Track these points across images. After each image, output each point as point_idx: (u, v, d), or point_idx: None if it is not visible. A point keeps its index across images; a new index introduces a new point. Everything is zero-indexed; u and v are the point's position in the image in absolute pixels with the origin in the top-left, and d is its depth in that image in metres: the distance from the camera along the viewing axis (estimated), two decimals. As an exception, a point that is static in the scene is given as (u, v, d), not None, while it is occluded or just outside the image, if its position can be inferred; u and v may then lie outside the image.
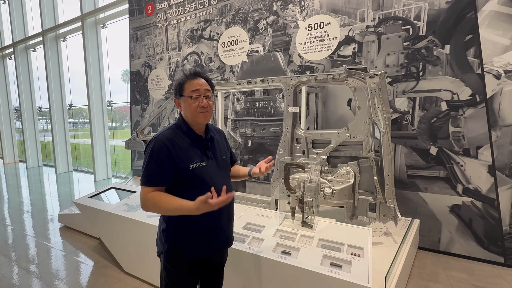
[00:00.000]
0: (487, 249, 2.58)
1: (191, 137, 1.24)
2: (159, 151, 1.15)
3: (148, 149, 1.18)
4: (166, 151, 1.15)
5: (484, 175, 2.55)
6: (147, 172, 1.15)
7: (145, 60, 4.92)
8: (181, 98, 1.23)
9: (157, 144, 1.16)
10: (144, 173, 1.16)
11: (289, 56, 3.48)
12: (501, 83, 2.44)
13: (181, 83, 1.24)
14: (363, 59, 3.01)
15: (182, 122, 1.26)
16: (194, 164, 1.19)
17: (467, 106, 2.58)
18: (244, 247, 1.72)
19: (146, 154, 1.17)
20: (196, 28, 4.23)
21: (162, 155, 1.14)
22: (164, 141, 1.16)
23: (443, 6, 2.61)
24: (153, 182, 1.14)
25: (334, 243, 1.72)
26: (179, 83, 1.25)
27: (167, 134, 1.20)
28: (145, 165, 1.16)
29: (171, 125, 1.26)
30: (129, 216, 2.31)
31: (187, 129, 1.25)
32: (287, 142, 2.86)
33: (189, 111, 1.22)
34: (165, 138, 1.18)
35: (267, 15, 3.59)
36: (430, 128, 2.75)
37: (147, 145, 1.19)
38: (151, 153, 1.16)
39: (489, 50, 2.46)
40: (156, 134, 1.21)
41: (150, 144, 1.18)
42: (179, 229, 1.21)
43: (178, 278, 1.27)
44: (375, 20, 2.92)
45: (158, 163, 1.14)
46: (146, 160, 1.16)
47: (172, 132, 1.21)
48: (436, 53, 2.66)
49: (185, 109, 1.23)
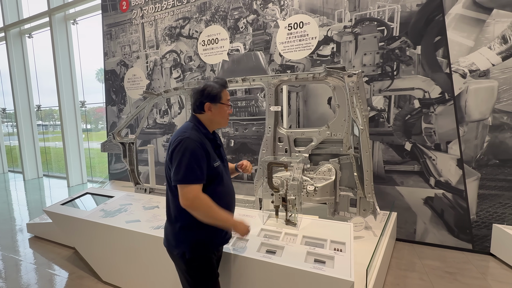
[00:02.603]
0: (457, 237, 2.76)
1: (209, 138, 1.34)
2: (196, 150, 1.21)
3: (182, 148, 1.21)
4: (201, 150, 1.23)
5: (454, 168, 2.72)
6: (190, 170, 1.19)
7: (121, 58, 4.70)
8: (216, 104, 1.33)
9: (192, 143, 1.21)
10: (185, 172, 1.19)
11: (270, 55, 3.48)
12: (467, 82, 2.61)
13: (219, 91, 1.33)
14: (341, 59, 3.09)
15: (200, 124, 1.34)
16: (216, 163, 1.31)
17: (437, 103, 2.74)
18: (228, 249, 1.70)
19: (181, 153, 1.20)
20: (175, 25, 4.11)
21: (198, 153, 1.22)
22: (197, 140, 1.23)
23: (414, 8, 2.74)
24: (198, 179, 1.21)
25: (318, 240, 1.75)
26: (217, 91, 1.32)
27: (195, 134, 1.26)
28: (185, 163, 1.19)
29: (191, 126, 1.31)
30: (106, 223, 2.19)
31: (206, 131, 1.34)
32: (269, 141, 2.87)
33: (221, 117, 1.36)
34: (197, 137, 1.25)
35: (247, 14, 3.57)
36: (405, 124, 2.89)
37: (179, 144, 1.22)
38: (190, 152, 1.20)
39: (456, 51, 2.63)
40: (183, 134, 1.24)
41: (183, 143, 1.21)
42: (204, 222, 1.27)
43: (208, 273, 1.34)
44: (352, 21, 3.00)
45: (197, 161, 1.21)
46: (183, 158, 1.19)
47: (197, 133, 1.28)
48: (409, 53, 2.80)
49: (217, 114, 1.34)
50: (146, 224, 2.12)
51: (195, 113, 1.37)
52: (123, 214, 2.33)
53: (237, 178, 3.90)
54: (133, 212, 2.35)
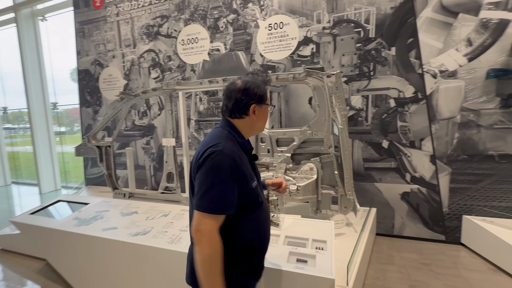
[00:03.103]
0: (432, 230, 2.91)
1: (245, 149, 1.09)
2: (229, 169, 0.95)
3: (212, 164, 0.94)
4: (236, 169, 0.97)
5: (427, 164, 2.86)
6: (218, 196, 0.93)
7: (95, 57, 4.48)
8: (262, 106, 1.09)
9: (226, 160, 0.95)
10: (212, 198, 0.93)
11: (251, 55, 3.47)
12: (437, 82, 2.75)
13: (265, 90, 1.11)
14: (321, 59, 3.15)
15: (236, 131, 1.08)
16: (254, 182, 1.06)
17: (411, 102, 2.86)
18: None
19: (211, 171, 0.94)
20: (152, 24, 3.98)
21: (231, 174, 0.95)
22: (232, 154, 0.97)
23: (388, 11, 2.85)
24: (222, 210, 0.94)
25: (300, 239, 1.76)
26: (264, 89, 1.09)
27: (231, 146, 1.00)
28: (210, 185, 0.93)
29: (225, 135, 1.03)
30: (80, 232, 2.07)
31: (243, 140, 1.09)
32: (251, 141, 2.86)
33: (263, 121, 1.13)
34: (232, 152, 0.98)
35: (227, 13, 3.53)
36: (382, 123, 3.00)
37: (208, 158, 0.95)
38: (222, 172, 0.94)
39: (427, 52, 2.76)
40: (216, 146, 0.97)
41: (215, 158, 0.94)
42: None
43: None
44: (330, 22, 3.06)
45: (227, 185, 0.94)
46: (212, 179, 0.93)
47: (233, 144, 1.02)
48: (384, 54, 2.90)
49: (260, 118, 1.11)
50: (124, 231, 2.03)
51: (231, 118, 1.08)
52: (99, 222, 2.21)
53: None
54: (110, 219, 2.25)
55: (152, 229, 2.02)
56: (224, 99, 1.10)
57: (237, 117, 1.08)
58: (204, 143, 1.03)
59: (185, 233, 1.94)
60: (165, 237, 1.90)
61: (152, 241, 1.86)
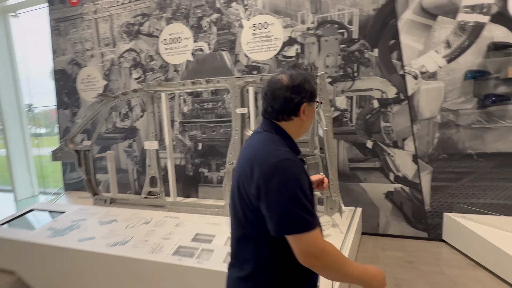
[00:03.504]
0: (415, 227, 2.97)
1: (296, 154, 0.94)
2: (301, 176, 0.82)
3: (281, 175, 0.79)
4: (305, 175, 0.84)
5: (410, 163, 2.92)
6: (303, 209, 0.77)
7: (72, 57, 4.27)
8: (311, 104, 0.93)
9: (294, 167, 0.82)
10: (298, 215, 0.77)
11: (235, 55, 3.41)
12: (418, 83, 2.81)
13: (315, 86, 0.93)
14: (305, 60, 3.14)
15: (285, 135, 0.93)
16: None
17: (394, 103, 2.91)
18: (192, 262, 1.61)
19: (284, 184, 0.78)
20: (133, 22, 3.83)
21: (305, 181, 0.82)
22: (297, 161, 0.85)
23: (371, 12, 2.87)
24: (316, 222, 0.80)
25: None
26: (314, 85, 0.92)
27: (290, 152, 0.87)
28: (295, 200, 0.78)
29: (276, 139, 0.90)
30: (54, 244, 1.95)
31: (293, 144, 0.94)
32: (237, 144, 2.80)
33: (311, 120, 0.96)
34: (295, 157, 0.86)
35: (210, 12, 3.45)
36: (366, 124, 3.03)
37: (275, 171, 0.80)
38: (295, 181, 0.79)
39: (408, 53, 2.81)
40: (277, 154, 0.83)
41: (282, 168, 0.80)
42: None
43: None
44: (314, 23, 3.06)
45: (306, 194, 0.80)
46: (290, 193, 0.78)
47: (289, 149, 0.89)
48: (367, 56, 2.93)
49: (309, 118, 0.95)
50: (102, 241, 1.93)
51: (278, 120, 0.93)
52: (75, 232, 2.10)
53: (207, 182, 3.79)
54: (87, 229, 2.13)
55: (132, 238, 1.94)
56: (267, 99, 0.93)
57: (285, 119, 0.92)
58: (257, 153, 0.87)
59: (167, 241, 1.87)
60: (146, 246, 1.82)
61: (131, 251, 1.78)
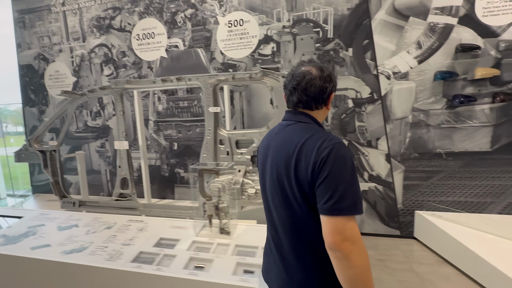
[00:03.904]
0: (388, 225, 3.02)
1: None
2: (352, 162, 0.82)
3: (341, 158, 0.80)
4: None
5: (383, 162, 2.95)
6: (353, 192, 0.79)
7: (39, 51, 4.02)
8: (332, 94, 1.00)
9: (347, 152, 0.83)
10: (349, 195, 0.77)
11: (211, 52, 3.32)
12: (391, 83, 2.84)
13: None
14: (281, 58, 3.10)
15: (322, 125, 1.00)
16: None
17: (368, 103, 2.93)
18: (151, 269, 1.53)
19: (344, 166, 0.80)
20: (103, 16, 3.65)
21: (354, 167, 0.83)
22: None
23: (345, 12, 2.87)
24: (361, 207, 0.81)
25: (250, 248, 1.69)
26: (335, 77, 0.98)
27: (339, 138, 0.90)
28: (347, 182, 0.78)
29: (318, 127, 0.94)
30: (4, 252, 1.81)
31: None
32: (210, 143, 2.73)
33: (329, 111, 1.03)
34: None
35: (184, 8, 3.34)
36: (341, 123, 3.03)
37: (334, 153, 0.80)
38: (352, 165, 0.81)
39: (381, 54, 2.83)
40: (330, 138, 0.85)
41: (340, 151, 0.81)
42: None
43: None
44: (290, 21, 3.02)
45: (356, 179, 0.82)
46: (349, 175, 0.79)
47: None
48: (342, 55, 2.92)
49: (329, 107, 1.02)
50: (57, 248, 1.81)
51: (311, 109, 0.97)
52: (30, 239, 1.96)
53: (183, 183, 3.68)
54: (44, 235, 2.00)
55: (91, 245, 1.83)
56: (300, 90, 0.95)
57: (318, 107, 0.97)
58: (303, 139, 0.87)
59: (127, 247, 1.77)
60: (104, 253, 1.72)
61: (88, 259, 1.67)
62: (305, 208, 0.86)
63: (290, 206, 0.89)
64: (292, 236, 0.92)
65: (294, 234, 0.91)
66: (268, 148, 1.00)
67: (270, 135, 1.04)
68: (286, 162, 0.89)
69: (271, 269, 1.00)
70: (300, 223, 0.89)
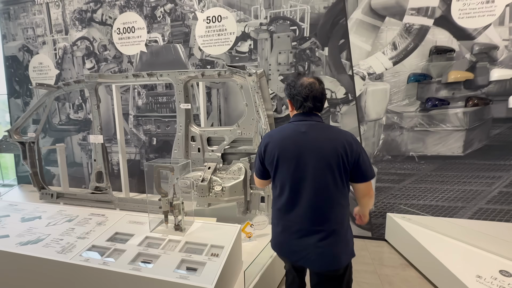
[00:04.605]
0: (359, 227, 3.02)
1: None
2: None
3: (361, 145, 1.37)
4: None
5: (356, 163, 2.94)
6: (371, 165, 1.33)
7: (23, 42, 4.04)
8: None
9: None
10: (371, 168, 1.31)
11: (189, 48, 3.31)
12: (366, 84, 2.81)
13: None
14: (258, 56, 3.07)
15: None
16: None
17: (342, 103, 2.90)
18: (98, 263, 1.55)
19: (363, 149, 1.31)
20: (85, 9, 3.64)
21: None
22: None
23: (322, 10, 2.83)
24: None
25: (199, 245, 1.70)
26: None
27: None
28: (368, 159, 1.31)
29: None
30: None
31: None
32: (181, 140, 2.74)
33: None
34: None
35: (164, 2, 3.32)
36: (316, 123, 3.01)
37: (357, 141, 1.30)
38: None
39: (357, 54, 2.79)
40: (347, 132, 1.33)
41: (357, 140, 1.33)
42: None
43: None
44: (267, 18, 2.99)
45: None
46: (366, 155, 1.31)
47: None
48: (318, 54, 2.89)
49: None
50: (15, 240, 1.84)
51: (320, 111, 1.36)
52: (-10, 230, 1.99)
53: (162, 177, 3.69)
54: (5, 226, 2.03)
55: (48, 237, 1.85)
56: (312, 98, 1.29)
57: (322, 110, 1.38)
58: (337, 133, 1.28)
59: (82, 240, 1.80)
60: (57, 246, 1.75)
61: (40, 250, 1.70)
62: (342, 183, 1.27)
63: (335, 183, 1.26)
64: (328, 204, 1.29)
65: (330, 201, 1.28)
66: (299, 143, 1.27)
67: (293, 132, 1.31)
68: (335, 151, 1.23)
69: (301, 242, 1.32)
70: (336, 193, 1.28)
